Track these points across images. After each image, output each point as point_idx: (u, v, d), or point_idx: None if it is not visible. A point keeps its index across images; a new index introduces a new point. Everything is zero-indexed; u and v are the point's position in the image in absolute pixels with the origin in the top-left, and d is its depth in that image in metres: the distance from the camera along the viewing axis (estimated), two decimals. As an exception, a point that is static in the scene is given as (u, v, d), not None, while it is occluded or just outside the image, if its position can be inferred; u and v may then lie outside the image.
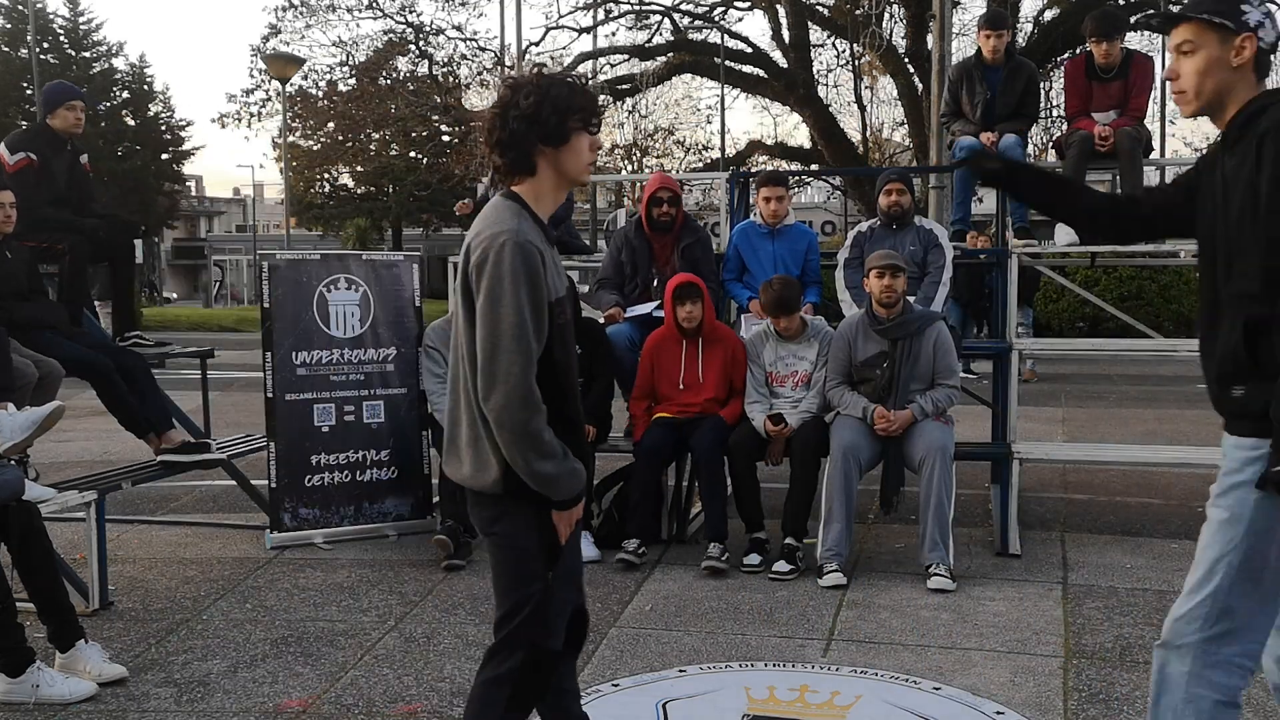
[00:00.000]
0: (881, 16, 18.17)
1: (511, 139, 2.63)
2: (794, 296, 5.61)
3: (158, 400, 5.69)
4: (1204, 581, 2.58)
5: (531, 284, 2.57)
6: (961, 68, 6.94)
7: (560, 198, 2.80)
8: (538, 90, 2.60)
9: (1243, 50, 2.44)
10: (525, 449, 2.59)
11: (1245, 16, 2.44)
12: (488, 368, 2.57)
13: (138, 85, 43.80)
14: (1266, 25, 2.45)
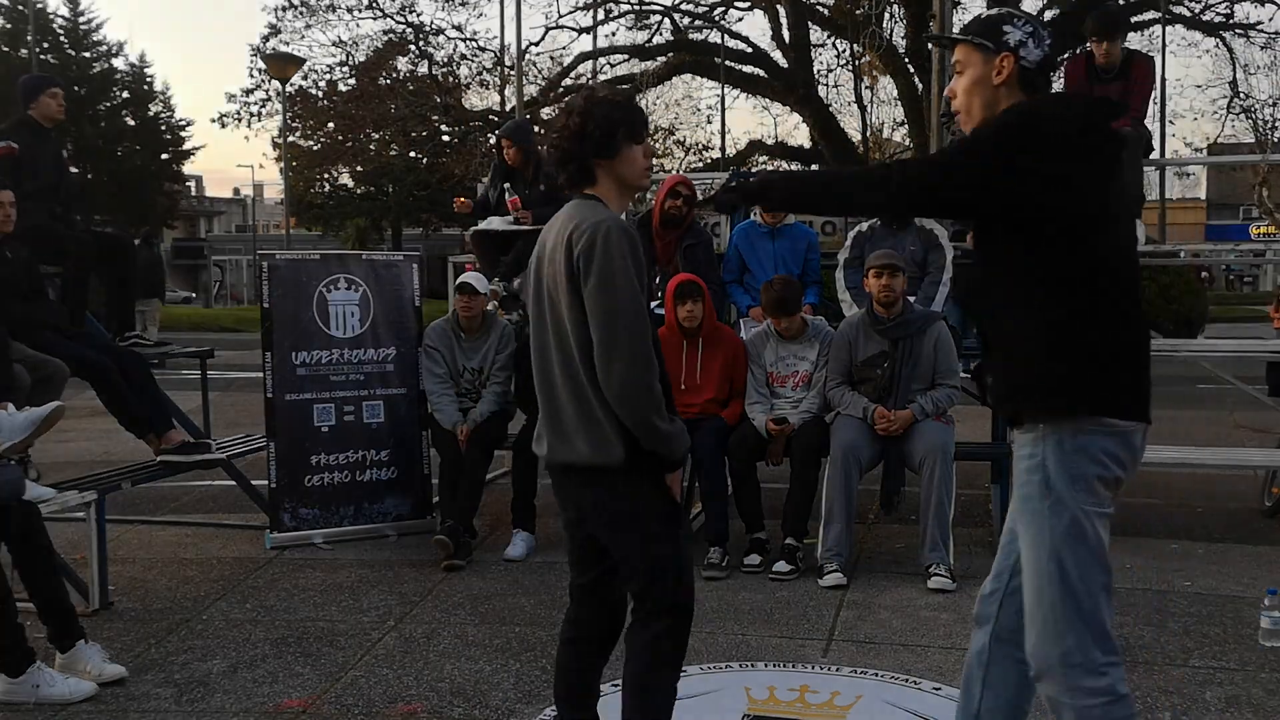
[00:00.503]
0: (881, 16, 18.16)
1: (566, 156, 2.88)
2: (794, 297, 5.61)
3: (158, 400, 5.69)
4: (1035, 603, 2.54)
5: (636, 263, 2.78)
6: None
7: (626, 204, 3.05)
8: (583, 110, 2.85)
9: (1002, 69, 2.59)
10: (650, 411, 2.76)
11: (1005, 37, 2.60)
12: (609, 340, 2.74)
13: (138, 85, 43.76)
14: (1029, 45, 2.58)
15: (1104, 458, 2.47)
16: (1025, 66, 2.59)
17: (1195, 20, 22.32)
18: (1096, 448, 2.47)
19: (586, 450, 2.83)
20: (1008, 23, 2.62)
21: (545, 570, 5.54)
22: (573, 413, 2.85)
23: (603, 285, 2.74)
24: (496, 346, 6.17)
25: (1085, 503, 2.47)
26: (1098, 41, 6.46)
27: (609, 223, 2.78)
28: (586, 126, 2.84)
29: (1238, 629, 4.53)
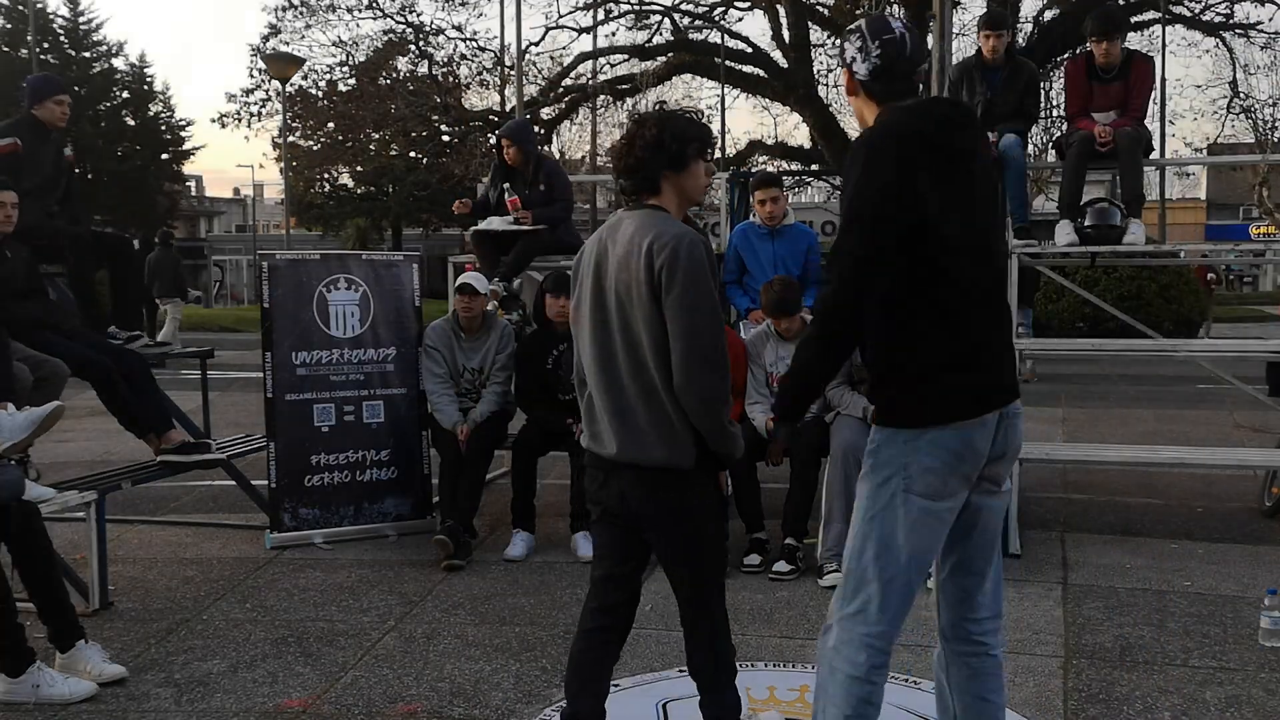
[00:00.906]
0: (881, 17, 18.13)
1: (638, 164, 3.02)
2: (794, 299, 5.61)
3: (158, 400, 5.69)
4: (849, 560, 2.75)
5: (714, 273, 2.97)
6: (961, 68, 6.93)
7: (683, 215, 3.18)
8: (659, 123, 3.02)
9: (845, 81, 2.84)
10: (723, 414, 2.96)
11: (845, 54, 2.83)
12: (694, 345, 2.88)
13: (138, 85, 43.76)
14: (859, 59, 2.77)
15: (941, 454, 2.64)
16: (859, 79, 2.78)
17: (1195, 20, 22.31)
18: (936, 446, 2.63)
19: (662, 453, 2.96)
20: (846, 40, 2.84)
21: (545, 570, 5.54)
22: (645, 416, 2.97)
23: (686, 297, 2.87)
24: (497, 346, 6.17)
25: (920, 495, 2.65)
26: (1097, 41, 6.46)
27: (689, 236, 2.92)
28: (662, 138, 2.99)
29: (1238, 629, 4.53)
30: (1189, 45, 35.37)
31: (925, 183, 2.59)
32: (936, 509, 2.66)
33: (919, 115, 2.70)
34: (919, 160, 2.60)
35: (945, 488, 2.65)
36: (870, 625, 2.66)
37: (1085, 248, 6.39)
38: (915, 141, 2.62)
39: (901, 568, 2.66)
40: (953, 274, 2.63)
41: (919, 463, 2.63)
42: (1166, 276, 17.63)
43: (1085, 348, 8.12)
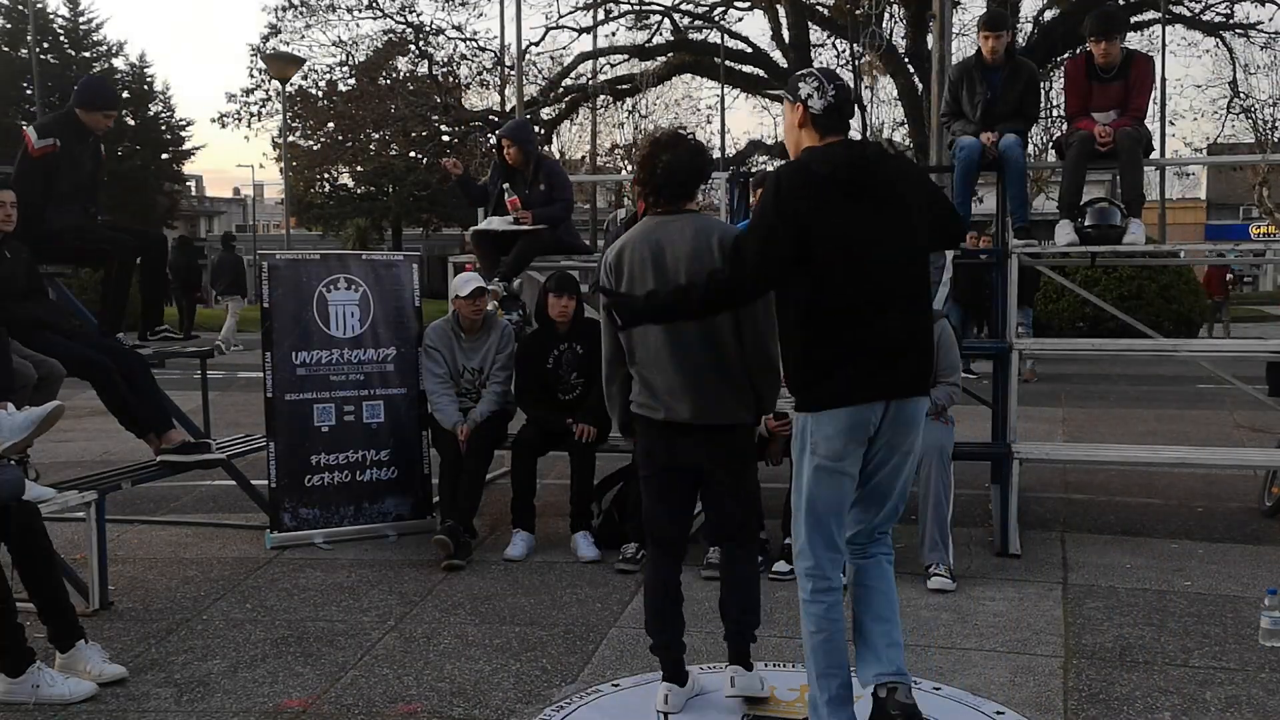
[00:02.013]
0: (881, 16, 18.16)
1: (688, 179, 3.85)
2: None
3: (158, 400, 5.69)
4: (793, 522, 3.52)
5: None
6: (961, 68, 6.93)
7: None
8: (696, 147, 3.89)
9: (797, 114, 3.41)
10: (779, 378, 3.62)
11: (799, 90, 3.40)
12: (764, 323, 3.65)
13: (138, 85, 43.71)
14: (814, 96, 3.37)
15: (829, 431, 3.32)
16: (813, 113, 3.37)
17: (1195, 20, 22.32)
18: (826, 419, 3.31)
19: (735, 410, 3.72)
20: (802, 80, 3.44)
21: (545, 570, 5.54)
22: (717, 381, 3.68)
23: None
24: (497, 346, 6.17)
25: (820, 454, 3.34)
26: (1096, 41, 6.45)
27: (733, 229, 3.71)
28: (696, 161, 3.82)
29: (1238, 629, 4.53)
30: (1189, 45, 35.36)
31: (819, 211, 3.25)
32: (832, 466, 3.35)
33: (828, 157, 3.32)
34: (820, 193, 3.27)
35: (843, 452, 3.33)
36: (805, 560, 3.42)
37: (1085, 248, 6.39)
38: (818, 178, 3.28)
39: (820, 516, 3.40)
40: (843, 283, 3.26)
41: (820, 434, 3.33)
42: (1166, 276, 17.62)
43: (1085, 348, 8.14)
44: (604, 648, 4.43)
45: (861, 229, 3.26)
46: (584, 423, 5.79)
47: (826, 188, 3.27)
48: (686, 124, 31.43)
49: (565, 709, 3.84)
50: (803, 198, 3.26)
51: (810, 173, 3.30)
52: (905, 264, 3.36)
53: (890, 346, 3.30)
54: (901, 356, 3.32)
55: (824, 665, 3.36)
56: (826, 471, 3.32)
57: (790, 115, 3.43)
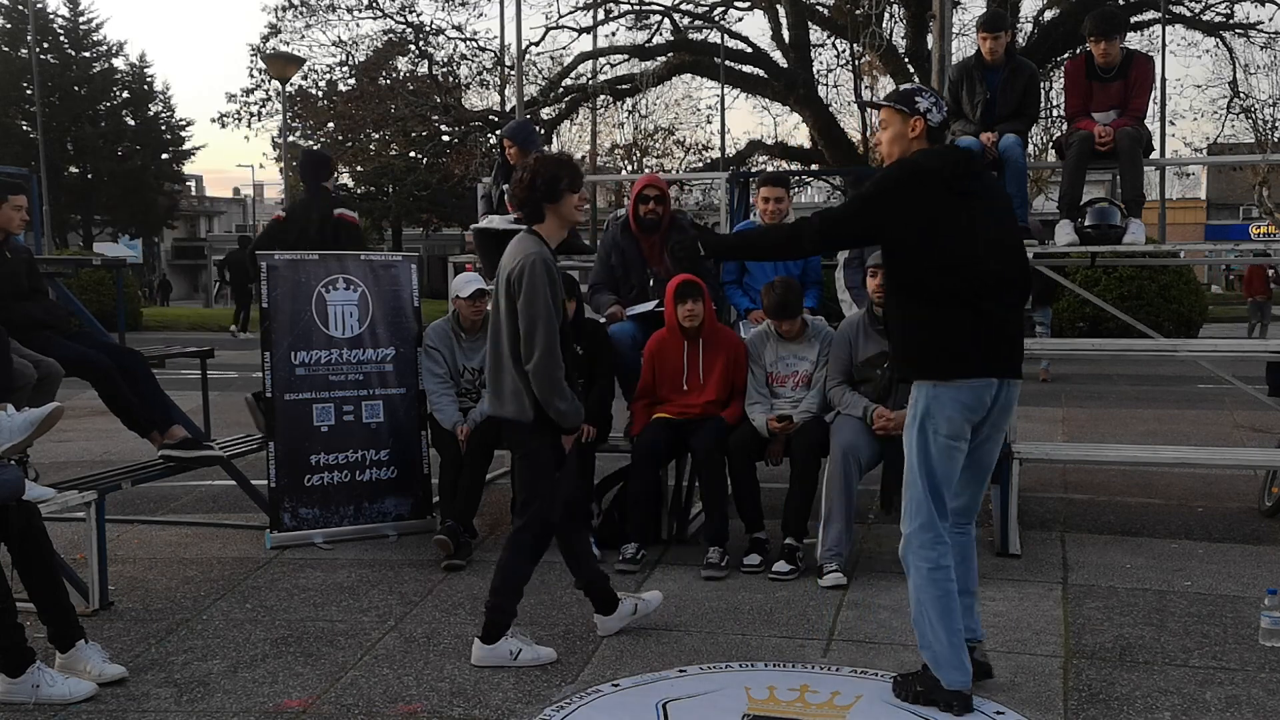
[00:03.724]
0: (881, 16, 18.16)
1: (526, 200, 4.19)
2: (796, 300, 5.61)
3: (159, 398, 5.68)
4: (907, 487, 3.80)
5: (551, 286, 4.09)
6: (961, 68, 6.93)
7: (563, 234, 4.35)
8: (532, 169, 4.17)
9: (915, 127, 3.72)
10: (551, 391, 4.11)
11: (917, 104, 3.72)
12: (529, 339, 4.08)
13: (138, 85, 43.73)
14: (933, 110, 3.73)
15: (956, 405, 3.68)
16: (931, 125, 3.72)
17: (1195, 20, 22.33)
18: (947, 398, 3.67)
19: (512, 408, 4.18)
20: (918, 95, 3.77)
21: (545, 570, 5.51)
22: (509, 381, 4.16)
23: (529, 300, 4.05)
24: (496, 346, 6.16)
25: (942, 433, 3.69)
26: (1095, 41, 6.45)
27: (535, 256, 4.09)
28: (536, 180, 4.13)
29: (1238, 629, 4.53)
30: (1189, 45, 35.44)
31: (937, 203, 3.61)
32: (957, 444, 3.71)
33: (942, 156, 3.72)
34: (936, 187, 3.63)
35: (961, 429, 3.69)
36: (925, 531, 3.72)
37: (1085, 248, 6.39)
38: (935, 174, 3.64)
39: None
40: (964, 269, 3.62)
41: (940, 410, 3.67)
42: (1166, 276, 17.62)
43: (1085, 348, 8.12)
44: (604, 648, 4.43)
45: (976, 221, 3.63)
46: (584, 423, 5.78)
47: (939, 184, 3.63)
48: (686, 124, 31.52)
49: (565, 709, 3.84)
50: (915, 193, 3.63)
51: (922, 170, 3.66)
52: (1012, 256, 3.76)
53: (1004, 330, 3.70)
54: (1011, 341, 3.74)
55: (952, 624, 3.70)
56: (946, 447, 3.68)
57: (901, 125, 3.72)
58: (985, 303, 3.64)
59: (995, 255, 3.68)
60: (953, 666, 3.71)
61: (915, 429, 3.72)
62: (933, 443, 3.68)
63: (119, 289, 9.13)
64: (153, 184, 43.24)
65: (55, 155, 35.09)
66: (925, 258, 3.63)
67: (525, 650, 4.24)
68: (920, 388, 3.71)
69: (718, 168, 22.31)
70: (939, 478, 3.70)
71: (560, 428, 4.20)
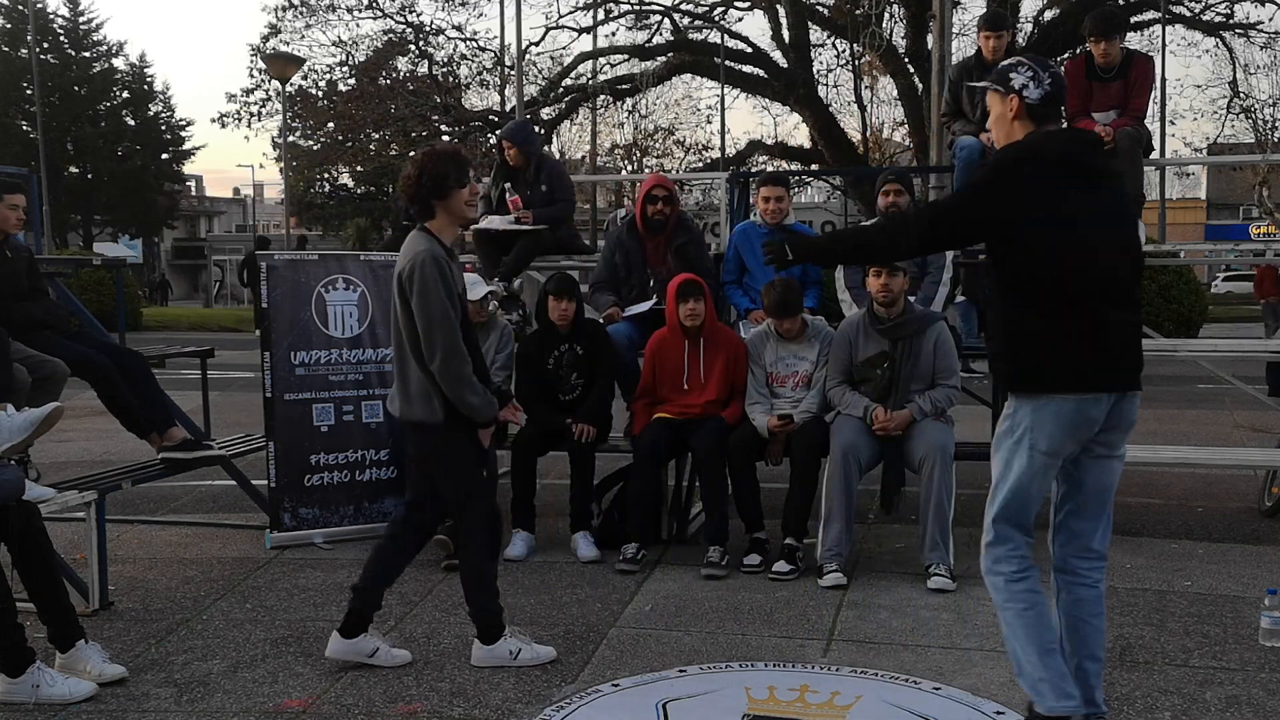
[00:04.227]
0: (881, 16, 18.16)
1: (415, 197, 4.07)
2: (795, 299, 5.61)
3: (159, 399, 5.68)
4: (988, 504, 3.46)
5: (444, 282, 3.96)
6: (962, 67, 6.92)
7: (456, 230, 4.26)
8: (419, 165, 4.05)
9: (1012, 106, 3.35)
10: (460, 388, 3.98)
11: (1012, 82, 3.35)
12: (429, 340, 3.96)
13: (138, 85, 43.74)
14: (1030, 86, 3.32)
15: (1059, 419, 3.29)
16: (1029, 103, 3.32)
17: (1195, 20, 22.33)
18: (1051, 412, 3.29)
19: (420, 411, 4.03)
20: (1013, 70, 3.36)
21: (545, 570, 5.54)
22: (415, 382, 4.02)
23: (422, 298, 3.94)
24: (496, 346, 6.16)
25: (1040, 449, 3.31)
26: (1095, 41, 6.45)
27: (425, 254, 3.97)
28: (422, 178, 4.00)
29: (1238, 629, 4.53)
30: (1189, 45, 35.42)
31: (1048, 195, 3.21)
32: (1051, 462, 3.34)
33: (1055, 141, 3.30)
34: (1048, 177, 3.22)
35: (1064, 446, 3.32)
36: (1004, 545, 3.40)
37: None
38: (1046, 161, 3.24)
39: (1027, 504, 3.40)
40: (1074, 270, 3.21)
41: (1040, 426, 3.28)
42: (1166, 276, 17.61)
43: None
44: (604, 648, 4.43)
45: (1092, 216, 3.23)
46: (583, 423, 5.79)
47: (1056, 172, 3.23)
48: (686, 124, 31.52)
49: (565, 709, 3.84)
50: (1028, 181, 3.22)
51: (1037, 156, 3.26)
52: (1130, 256, 3.36)
53: (1118, 337, 3.28)
54: (1128, 349, 3.33)
55: (1043, 639, 3.32)
56: (1042, 465, 3.32)
57: (1000, 107, 3.37)
58: (1102, 307, 3.24)
59: (1113, 254, 3.28)
60: (1051, 689, 3.27)
61: (1011, 441, 3.34)
62: (1030, 458, 3.31)
63: (119, 289, 9.11)
64: (153, 184, 43.26)
65: (55, 155, 35.10)
66: (1037, 255, 3.22)
67: (525, 650, 4.22)
68: (1021, 400, 3.33)
69: (718, 168, 22.32)
70: (1029, 496, 3.36)
71: (475, 422, 4.08)
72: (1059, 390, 3.25)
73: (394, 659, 4.21)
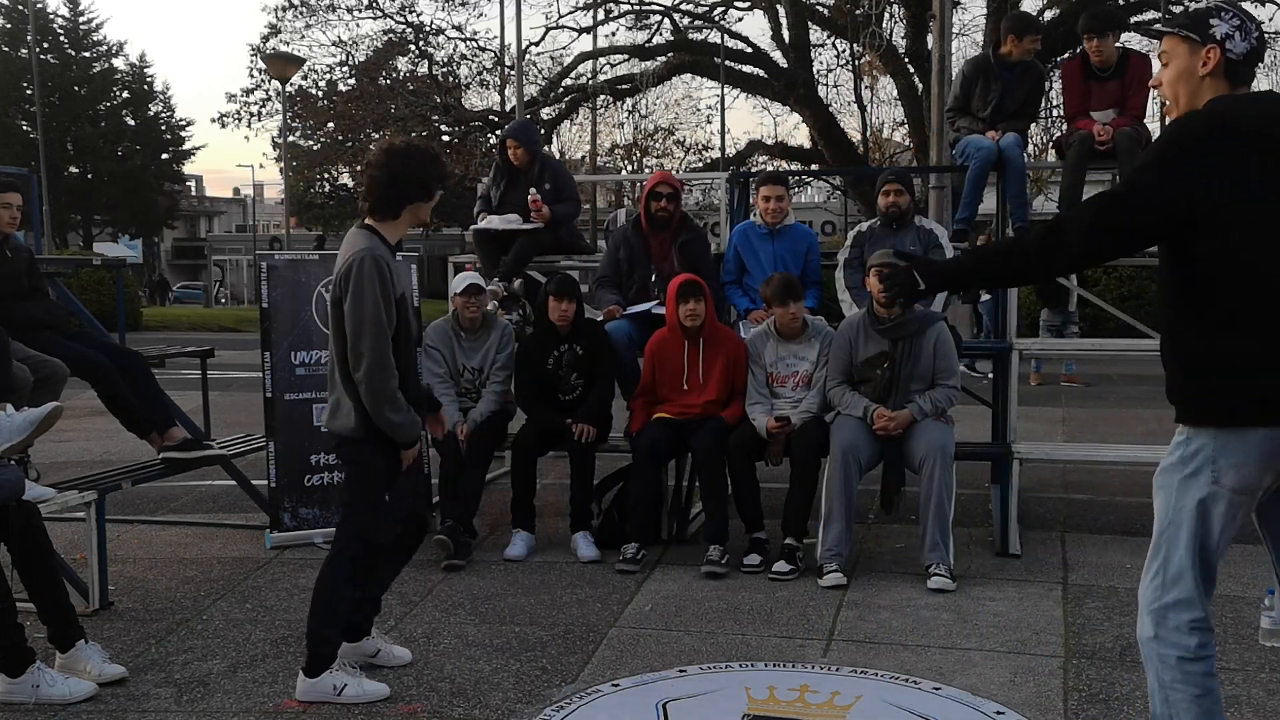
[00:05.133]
0: (881, 16, 18.15)
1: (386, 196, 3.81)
2: (797, 284, 5.64)
3: (159, 399, 5.68)
4: (1153, 553, 2.82)
5: (382, 285, 3.67)
6: (977, 64, 6.91)
7: (405, 232, 3.97)
8: (399, 161, 3.79)
9: (1209, 60, 2.68)
10: (381, 404, 3.71)
11: (1213, 30, 2.67)
12: (355, 346, 3.69)
13: (138, 85, 43.76)
14: (1236, 37, 2.66)
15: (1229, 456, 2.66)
16: (1231, 58, 2.67)
17: (1195, 20, 22.28)
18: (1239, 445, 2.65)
19: (340, 421, 3.81)
20: (1215, 16, 2.69)
21: (545, 570, 5.54)
22: (342, 392, 3.79)
23: (354, 302, 3.67)
24: (497, 346, 6.17)
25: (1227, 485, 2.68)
26: (1090, 39, 6.46)
27: (364, 253, 3.69)
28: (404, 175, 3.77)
29: (1238, 629, 4.53)
30: (1189, 45, 35.29)
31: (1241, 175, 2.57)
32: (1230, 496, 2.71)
33: (1255, 107, 2.66)
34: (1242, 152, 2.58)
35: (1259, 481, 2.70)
36: (1185, 612, 2.71)
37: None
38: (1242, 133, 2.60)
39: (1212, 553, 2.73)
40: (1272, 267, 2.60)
41: (1228, 459, 2.65)
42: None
43: (1085, 348, 8.13)
44: (604, 648, 4.43)
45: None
46: (583, 423, 5.79)
47: (1251, 146, 2.59)
48: (686, 124, 31.51)
49: (565, 709, 3.84)
50: (1216, 156, 2.58)
51: (1230, 125, 2.60)
52: None
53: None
54: None
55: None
56: (1230, 504, 2.69)
57: (1188, 60, 2.70)
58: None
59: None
60: None
61: (1185, 474, 2.71)
62: (1201, 494, 2.69)
63: (119, 289, 9.11)
64: (153, 184, 43.27)
65: (55, 155, 35.11)
66: (1226, 251, 2.59)
67: (351, 685, 3.88)
68: (1198, 432, 2.70)
69: (718, 168, 22.32)
70: (1214, 543, 2.71)
71: (394, 442, 3.81)
72: (1244, 423, 2.64)
73: (364, 694, 3.89)
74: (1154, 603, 2.75)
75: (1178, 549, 2.72)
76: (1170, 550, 2.73)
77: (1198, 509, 2.69)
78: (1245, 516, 2.75)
